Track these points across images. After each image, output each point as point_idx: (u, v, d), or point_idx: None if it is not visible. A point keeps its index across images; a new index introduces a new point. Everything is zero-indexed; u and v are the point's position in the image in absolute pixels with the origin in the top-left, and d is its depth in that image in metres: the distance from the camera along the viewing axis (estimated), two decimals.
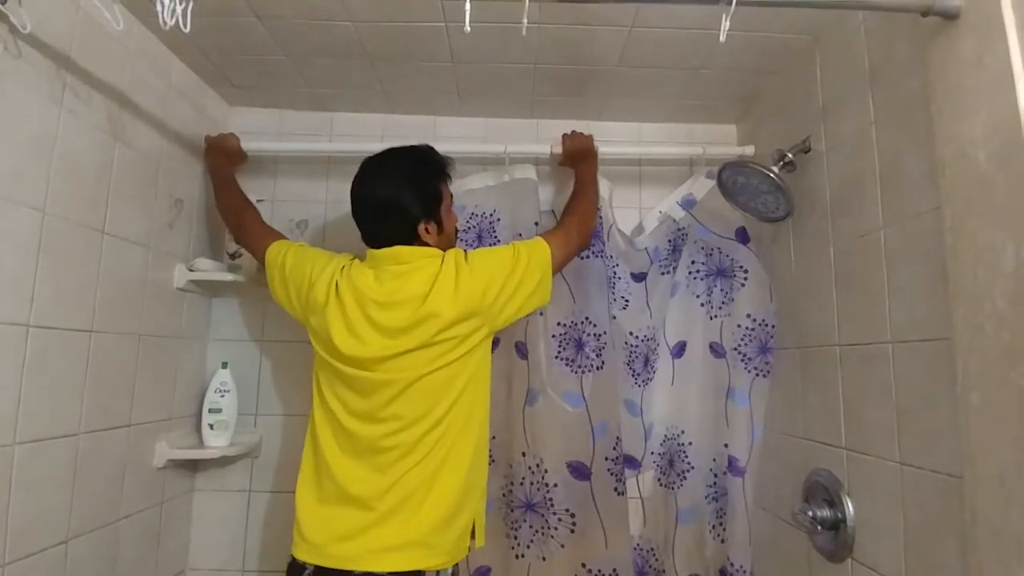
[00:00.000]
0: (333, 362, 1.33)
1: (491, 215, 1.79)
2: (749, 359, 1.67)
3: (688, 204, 1.80)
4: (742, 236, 1.72)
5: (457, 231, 1.56)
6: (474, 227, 1.80)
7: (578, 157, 1.72)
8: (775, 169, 1.47)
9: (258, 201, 1.83)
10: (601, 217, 1.74)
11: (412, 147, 1.44)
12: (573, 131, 1.76)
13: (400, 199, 1.35)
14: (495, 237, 1.77)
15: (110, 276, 1.37)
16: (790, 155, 1.50)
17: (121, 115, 1.40)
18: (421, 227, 1.36)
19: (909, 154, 1.14)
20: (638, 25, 1.44)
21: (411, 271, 1.32)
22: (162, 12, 0.94)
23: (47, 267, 1.18)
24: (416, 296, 1.29)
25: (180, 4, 0.95)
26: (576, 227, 1.55)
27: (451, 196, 1.46)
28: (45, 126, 1.18)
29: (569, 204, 1.64)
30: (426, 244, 1.37)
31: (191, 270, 1.67)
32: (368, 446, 1.29)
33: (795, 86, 1.58)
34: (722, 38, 0.98)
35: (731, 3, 0.97)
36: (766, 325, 1.66)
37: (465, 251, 1.40)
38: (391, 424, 1.29)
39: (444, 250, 1.39)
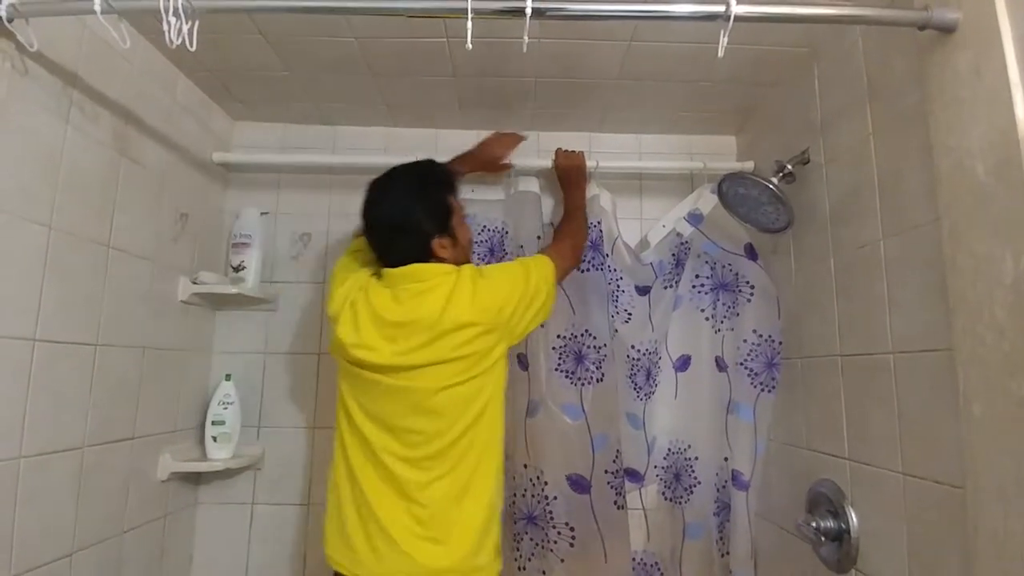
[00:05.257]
0: (353, 368, 1.33)
1: (500, 228, 1.81)
2: (756, 374, 1.67)
3: (695, 220, 1.80)
4: (751, 252, 1.72)
5: (471, 241, 1.54)
6: (486, 240, 1.81)
7: (571, 176, 1.73)
8: (774, 180, 1.48)
9: (262, 214, 1.85)
10: (603, 230, 1.76)
11: (415, 163, 1.43)
12: (566, 149, 1.76)
13: (412, 218, 1.33)
14: (503, 249, 1.78)
15: (115, 290, 1.38)
16: (789, 167, 1.51)
17: (127, 131, 1.41)
18: (435, 243, 1.34)
19: (907, 166, 1.14)
20: (637, 39, 1.46)
21: (429, 289, 1.30)
22: (169, 32, 0.96)
23: (53, 281, 1.19)
24: (434, 313, 1.27)
25: (187, 24, 0.96)
26: (571, 248, 1.58)
27: (461, 207, 1.44)
28: (52, 142, 1.19)
29: (563, 225, 1.67)
30: (442, 259, 1.35)
31: (195, 283, 1.68)
32: (390, 460, 1.28)
33: (794, 98, 1.60)
34: (720, 54, 1.00)
35: (729, 19, 0.98)
36: (772, 341, 1.65)
37: (479, 266, 1.39)
38: (412, 436, 1.28)
39: (460, 263, 1.37)
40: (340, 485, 1.33)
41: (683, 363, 1.81)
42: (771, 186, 1.47)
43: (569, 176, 1.73)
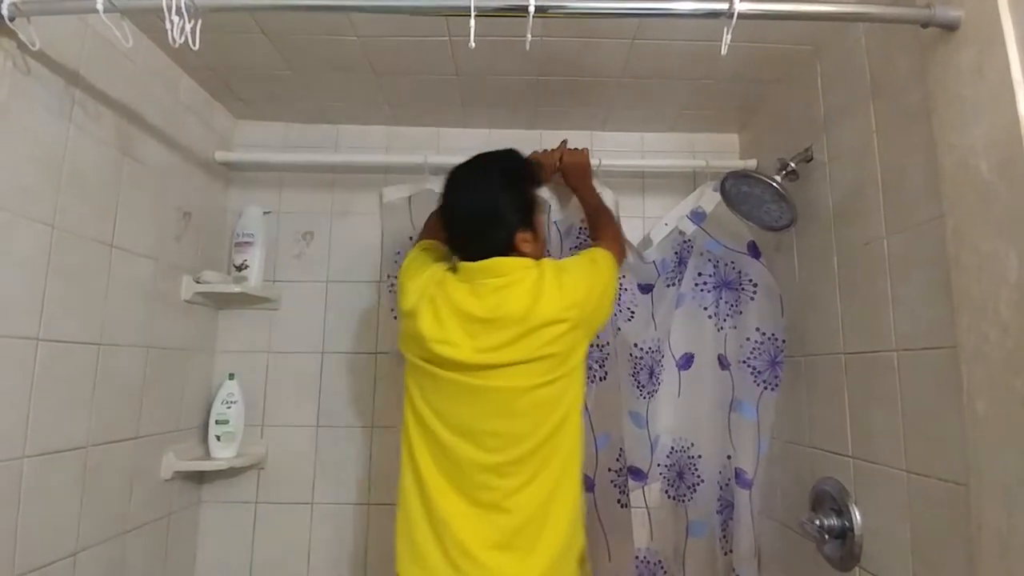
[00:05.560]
0: (428, 366, 1.25)
1: None
2: (759, 372, 1.66)
3: (698, 218, 1.79)
4: (753, 250, 1.72)
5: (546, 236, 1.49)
6: None
7: (577, 173, 1.67)
8: (777, 178, 1.48)
9: (265, 213, 1.85)
10: None
11: (500, 152, 1.38)
12: (571, 147, 1.70)
13: (498, 209, 1.28)
14: None
15: (118, 289, 1.38)
16: (792, 164, 1.51)
17: (129, 130, 1.41)
18: (519, 236, 1.28)
19: (911, 163, 1.14)
20: (640, 37, 1.45)
21: (510, 284, 1.24)
22: (172, 30, 0.96)
23: (56, 281, 1.19)
24: (521, 309, 1.20)
25: (189, 22, 0.96)
26: (617, 241, 1.53)
27: (542, 201, 1.38)
28: (54, 142, 1.20)
29: (600, 221, 1.61)
30: (523, 254, 1.29)
31: (198, 282, 1.68)
32: (470, 467, 1.22)
33: (797, 96, 1.59)
34: (724, 51, 0.99)
35: (732, 16, 0.98)
36: (775, 339, 1.65)
37: (558, 261, 1.34)
38: (493, 441, 1.22)
39: (538, 258, 1.32)
40: (408, 495, 1.25)
41: (686, 361, 1.81)
42: (774, 184, 1.47)
43: (575, 173, 1.68)
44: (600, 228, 1.60)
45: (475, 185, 1.31)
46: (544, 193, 1.77)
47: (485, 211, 1.28)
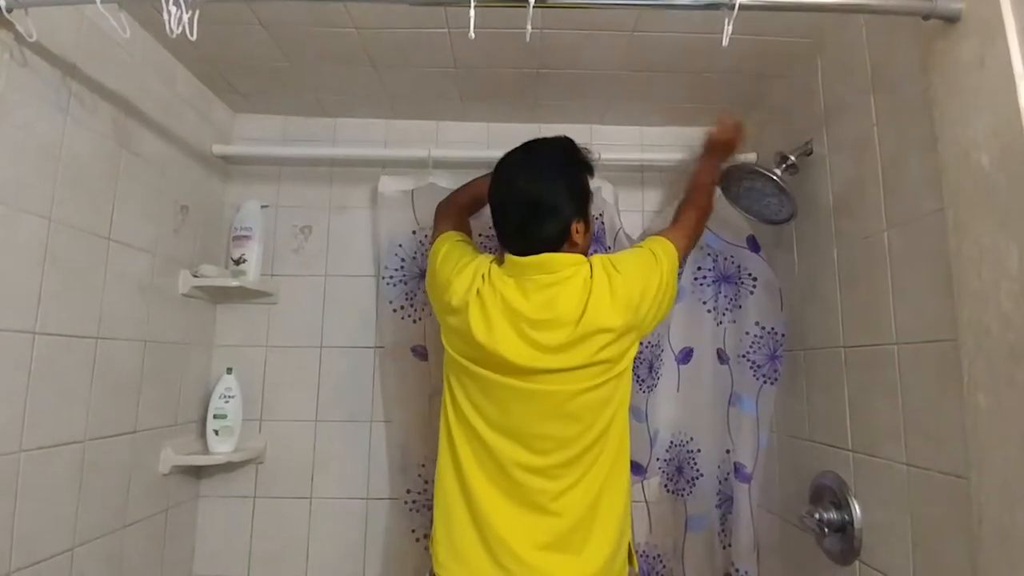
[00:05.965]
0: (474, 367, 1.22)
1: None
2: (758, 366, 1.66)
3: None
4: (753, 244, 1.72)
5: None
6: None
7: (725, 150, 1.57)
8: (777, 172, 1.48)
9: (263, 206, 1.84)
10: (605, 222, 1.75)
11: (556, 139, 1.33)
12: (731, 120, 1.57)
13: (556, 197, 1.22)
14: None
15: (115, 283, 1.38)
16: (792, 158, 1.51)
17: (127, 123, 1.41)
18: (573, 227, 1.24)
19: (912, 156, 1.14)
20: (639, 30, 1.45)
21: (560, 281, 1.20)
22: (169, 21, 0.95)
23: (53, 274, 1.19)
24: (572, 313, 1.17)
25: (187, 13, 0.96)
26: (698, 224, 1.46)
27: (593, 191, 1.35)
28: (51, 134, 1.19)
29: (691, 197, 1.51)
30: (574, 245, 1.25)
31: (196, 276, 1.67)
32: (516, 469, 1.19)
33: (797, 89, 1.59)
34: (725, 42, 0.99)
35: (734, 7, 0.97)
36: (775, 333, 1.65)
37: (609, 257, 1.28)
38: (542, 443, 1.20)
39: (585, 252, 1.29)
40: (450, 496, 1.23)
41: (685, 356, 1.81)
42: (774, 177, 1.47)
43: (725, 149, 1.57)
44: (687, 204, 1.49)
45: (534, 170, 1.25)
46: None
47: (544, 199, 1.22)
